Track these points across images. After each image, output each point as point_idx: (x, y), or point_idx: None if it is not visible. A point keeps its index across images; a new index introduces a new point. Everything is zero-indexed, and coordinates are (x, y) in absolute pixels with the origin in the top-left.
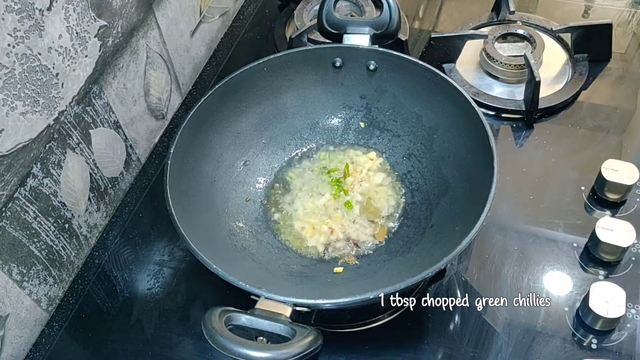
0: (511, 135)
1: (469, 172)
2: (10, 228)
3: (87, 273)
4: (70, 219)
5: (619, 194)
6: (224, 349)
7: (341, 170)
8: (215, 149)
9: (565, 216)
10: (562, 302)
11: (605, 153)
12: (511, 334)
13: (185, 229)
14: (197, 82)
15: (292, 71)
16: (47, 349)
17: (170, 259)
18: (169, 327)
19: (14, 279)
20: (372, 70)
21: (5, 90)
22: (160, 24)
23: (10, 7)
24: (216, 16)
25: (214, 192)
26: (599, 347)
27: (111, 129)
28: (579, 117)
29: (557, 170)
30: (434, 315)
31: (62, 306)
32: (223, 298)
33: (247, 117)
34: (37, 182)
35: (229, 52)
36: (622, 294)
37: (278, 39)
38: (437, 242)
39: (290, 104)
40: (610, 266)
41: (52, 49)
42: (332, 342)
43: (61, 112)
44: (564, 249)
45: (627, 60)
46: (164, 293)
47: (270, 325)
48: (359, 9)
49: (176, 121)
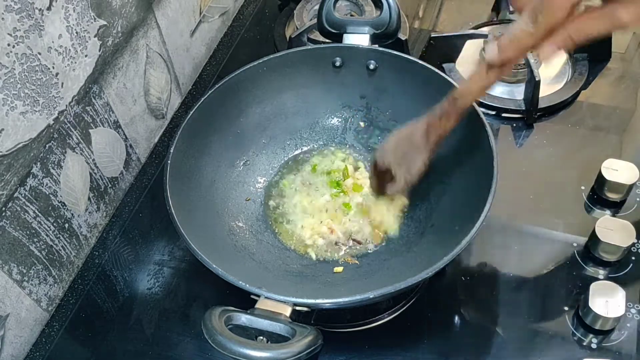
0: (511, 135)
1: (469, 172)
2: (10, 228)
3: (87, 273)
4: (70, 218)
5: (619, 193)
6: (224, 348)
7: (341, 172)
8: (215, 148)
9: (565, 216)
10: (562, 302)
11: (605, 153)
12: (511, 334)
13: (185, 229)
14: (197, 81)
15: (292, 71)
16: (47, 348)
17: (170, 259)
18: (169, 326)
19: (14, 278)
20: (372, 70)
21: (5, 90)
22: (160, 24)
23: (10, 7)
24: (216, 16)
25: (214, 191)
26: (598, 346)
27: (111, 128)
28: (579, 116)
29: (557, 170)
30: (434, 315)
31: (62, 306)
32: (223, 298)
33: (247, 117)
34: (37, 181)
35: (228, 51)
36: (622, 294)
37: (278, 38)
38: (437, 242)
39: (290, 104)
40: (610, 266)
41: (52, 49)
42: (332, 341)
43: (61, 111)
44: (564, 248)
45: (627, 60)
46: (164, 293)
47: (270, 324)
48: (359, 8)
49: (176, 121)
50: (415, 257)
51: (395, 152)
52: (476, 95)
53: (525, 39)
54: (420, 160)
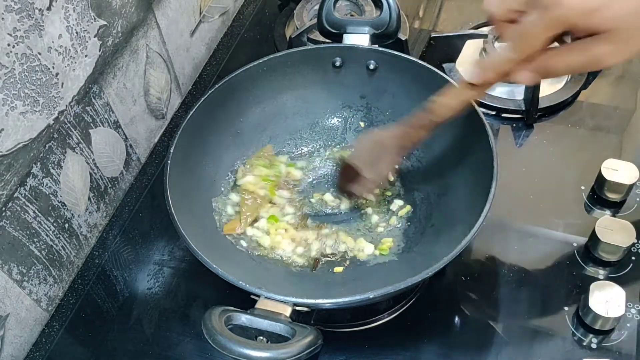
0: (511, 135)
1: (469, 172)
2: (10, 228)
3: (87, 273)
4: (70, 218)
5: (619, 193)
6: (224, 348)
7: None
8: (215, 148)
9: (565, 216)
10: (562, 302)
11: (605, 152)
12: (511, 334)
13: (185, 229)
14: (197, 81)
15: (292, 71)
16: (47, 348)
17: (170, 259)
18: (169, 326)
19: (14, 278)
20: (372, 70)
21: (5, 90)
22: (160, 24)
23: (10, 7)
24: (216, 16)
25: (214, 191)
26: (598, 346)
27: (111, 128)
28: (578, 116)
29: (557, 170)
30: (434, 315)
31: (62, 306)
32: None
33: (247, 117)
34: (37, 181)
35: (228, 51)
36: (622, 294)
37: (278, 38)
38: (437, 242)
39: (290, 104)
40: (610, 266)
41: (52, 49)
42: (332, 341)
43: (61, 111)
44: (563, 248)
45: (627, 60)
46: (164, 293)
47: (270, 324)
48: (359, 8)
49: (176, 121)
50: (415, 257)
51: (366, 153)
52: (451, 111)
53: (504, 64)
54: (389, 164)
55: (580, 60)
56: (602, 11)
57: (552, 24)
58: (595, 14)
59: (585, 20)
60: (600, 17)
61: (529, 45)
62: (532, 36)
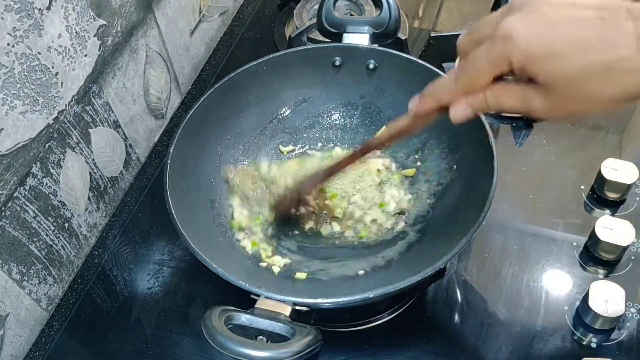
0: (511, 134)
1: (469, 172)
2: (9, 227)
3: (87, 272)
4: (70, 218)
5: (619, 193)
6: (224, 348)
7: None
8: (215, 148)
9: (565, 215)
10: (562, 301)
11: (605, 152)
12: (511, 333)
13: (185, 229)
14: (196, 81)
15: (291, 70)
16: (47, 348)
17: (170, 259)
18: (169, 326)
19: (14, 278)
20: (372, 70)
21: (5, 89)
22: (160, 23)
23: (10, 7)
24: (215, 15)
25: (214, 191)
26: (598, 346)
27: (111, 128)
28: (578, 116)
29: (556, 170)
30: (434, 315)
31: (62, 305)
32: (223, 297)
33: (247, 117)
34: (36, 181)
35: (228, 51)
36: (622, 293)
37: (277, 38)
38: (437, 241)
39: (290, 104)
40: (609, 265)
41: (52, 48)
42: (332, 341)
43: (61, 111)
44: (563, 248)
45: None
46: (164, 292)
47: (270, 324)
48: (359, 8)
49: (176, 120)
50: (415, 257)
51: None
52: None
53: (443, 94)
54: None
55: (514, 103)
56: (547, 62)
57: (497, 60)
58: (540, 63)
59: (528, 65)
60: (543, 67)
61: (471, 78)
62: (475, 68)
